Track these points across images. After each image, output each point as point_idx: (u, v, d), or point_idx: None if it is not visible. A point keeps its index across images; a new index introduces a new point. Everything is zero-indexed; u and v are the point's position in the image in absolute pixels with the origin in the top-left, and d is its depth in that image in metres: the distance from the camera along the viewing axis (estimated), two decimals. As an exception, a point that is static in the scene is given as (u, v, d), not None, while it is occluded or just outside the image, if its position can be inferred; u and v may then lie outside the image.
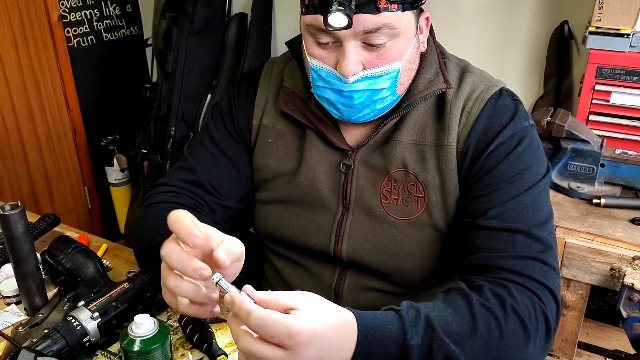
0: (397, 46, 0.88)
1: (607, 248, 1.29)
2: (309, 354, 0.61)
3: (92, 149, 2.50)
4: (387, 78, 0.89)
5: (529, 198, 0.89)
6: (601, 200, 1.41)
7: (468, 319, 0.76)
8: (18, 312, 0.93)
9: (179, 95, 2.18)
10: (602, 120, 1.54)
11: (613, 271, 1.29)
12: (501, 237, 0.87)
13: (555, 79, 1.76)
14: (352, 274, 1.04)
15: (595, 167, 1.45)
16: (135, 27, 2.58)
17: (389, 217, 0.98)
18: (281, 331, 0.60)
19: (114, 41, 2.50)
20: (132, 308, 0.87)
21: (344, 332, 0.66)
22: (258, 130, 1.06)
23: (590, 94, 1.53)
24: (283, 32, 2.26)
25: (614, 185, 1.47)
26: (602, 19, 1.46)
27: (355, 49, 0.86)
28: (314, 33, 0.88)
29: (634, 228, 1.33)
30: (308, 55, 0.92)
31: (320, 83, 0.92)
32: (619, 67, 1.46)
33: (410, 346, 0.70)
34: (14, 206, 0.86)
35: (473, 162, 0.93)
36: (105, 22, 2.44)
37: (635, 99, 1.48)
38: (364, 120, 0.95)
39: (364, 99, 0.90)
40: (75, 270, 0.93)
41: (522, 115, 0.95)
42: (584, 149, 1.45)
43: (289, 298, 0.64)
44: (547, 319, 0.81)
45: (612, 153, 1.47)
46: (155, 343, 0.69)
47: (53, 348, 0.78)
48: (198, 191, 1.05)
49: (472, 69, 1.00)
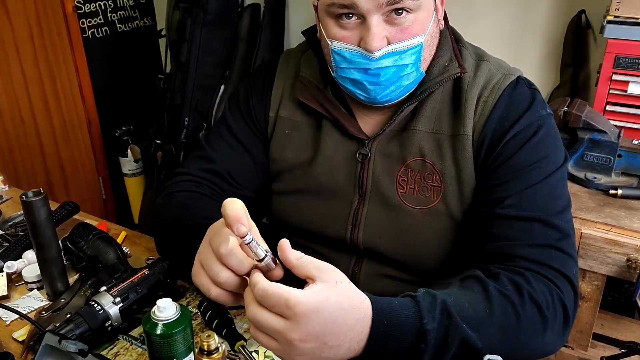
0: (419, 19, 0.87)
1: (623, 239, 1.28)
2: (310, 327, 0.62)
3: (106, 140, 2.51)
4: (411, 53, 0.88)
5: (547, 186, 0.89)
6: (618, 191, 1.40)
7: (484, 305, 0.76)
8: (40, 297, 0.95)
9: (192, 85, 2.19)
10: (620, 110, 1.53)
11: (629, 262, 1.28)
12: (518, 226, 0.87)
13: (572, 69, 1.74)
14: (368, 261, 1.05)
15: (612, 158, 1.44)
16: (148, 17, 2.59)
17: (405, 206, 0.98)
18: (279, 301, 0.62)
19: (128, 32, 2.51)
20: (153, 294, 0.88)
21: (355, 314, 0.66)
22: (275, 121, 1.07)
23: (607, 84, 1.52)
24: (296, 23, 2.26)
25: (630, 176, 1.46)
26: (620, 7, 1.45)
27: (379, 24, 0.85)
28: (335, 12, 0.87)
29: (651, 219, 1.32)
30: (329, 38, 0.90)
31: (344, 64, 0.90)
32: (638, 57, 1.45)
33: (426, 331, 0.70)
34: (37, 193, 0.87)
35: (489, 151, 0.92)
36: (119, 13, 2.45)
37: (653, 89, 1.46)
38: (390, 100, 0.94)
39: (390, 75, 0.89)
40: (96, 256, 0.94)
41: (539, 103, 0.94)
42: (601, 139, 1.44)
43: (314, 268, 0.65)
44: (565, 306, 0.81)
45: (630, 143, 1.46)
46: (178, 327, 0.70)
47: (76, 332, 0.79)
48: (216, 180, 1.06)
49: (489, 57, 0.99)
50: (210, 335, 0.51)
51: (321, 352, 0.65)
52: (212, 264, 0.70)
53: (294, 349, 0.64)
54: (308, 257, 0.67)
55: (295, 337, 0.62)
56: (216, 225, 0.73)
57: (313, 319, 0.62)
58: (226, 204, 0.66)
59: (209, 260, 0.71)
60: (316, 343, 0.64)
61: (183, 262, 0.89)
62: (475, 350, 0.73)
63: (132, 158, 2.52)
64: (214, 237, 0.71)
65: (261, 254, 0.65)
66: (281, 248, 0.66)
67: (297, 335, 0.62)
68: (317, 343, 0.64)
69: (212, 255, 0.71)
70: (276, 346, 0.65)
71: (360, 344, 0.68)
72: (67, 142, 2.39)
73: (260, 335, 0.66)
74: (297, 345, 0.63)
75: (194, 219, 0.92)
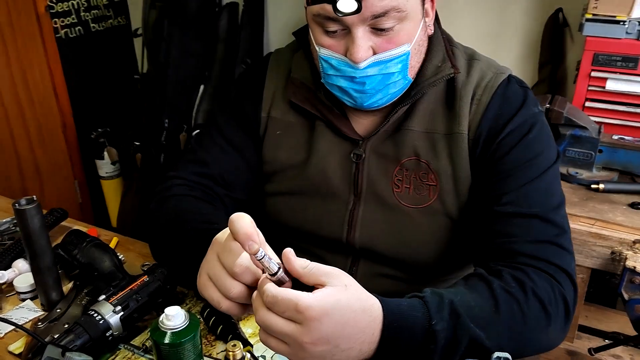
0: (406, 29, 0.88)
1: (607, 232, 1.31)
2: (321, 330, 0.62)
3: (82, 142, 2.46)
4: (397, 62, 0.89)
5: (542, 183, 0.91)
6: (600, 185, 1.44)
7: (491, 303, 0.77)
8: (34, 307, 0.92)
9: (171, 86, 2.16)
10: (599, 106, 1.57)
11: (614, 255, 1.32)
12: (516, 222, 0.88)
13: (550, 66, 1.78)
14: (365, 261, 1.05)
15: (593, 153, 1.48)
16: (122, 17, 2.54)
17: (401, 206, 0.99)
18: (289, 306, 0.62)
19: (102, 31, 2.45)
20: (153, 301, 0.87)
21: (365, 316, 0.67)
22: (267, 122, 1.06)
23: (586, 80, 1.56)
24: (275, 23, 2.25)
25: (611, 170, 1.50)
26: (598, 6, 1.48)
27: (364, 35, 0.86)
28: (322, 22, 0.88)
29: (634, 212, 1.36)
30: (317, 45, 0.91)
31: (332, 72, 0.91)
32: (615, 54, 1.49)
33: (436, 331, 0.70)
34: (30, 200, 0.84)
35: (485, 149, 0.94)
36: (93, 13, 2.39)
37: (631, 86, 1.50)
38: (377, 106, 0.95)
39: (376, 84, 0.90)
40: (91, 264, 0.92)
41: (531, 101, 0.96)
42: (582, 135, 1.48)
43: (323, 274, 0.65)
44: (566, 301, 0.82)
45: (610, 139, 1.50)
46: (187, 335, 0.68)
47: (77, 342, 0.77)
48: (210, 184, 1.05)
49: (479, 56, 1.01)
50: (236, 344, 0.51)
51: (332, 356, 0.65)
52: (224, 279, 0.69)
53: (306, 353, 0.64)
54: (314, 264, 0.67)
55: (307, 340, 0.62)
56: (223, 239, 0.71)
57: (324, 322, 0.62)
58: (234, 221, 0.65)
59: (220, 275, 0.70)
60: (327, 346, 0.64)
61: (183, 268, 0.88)
62: (483, 348, 0.74)
63: (109, 160, 2.47)
64: (224, 252, 0.69)
65: (274, 269, 0.64)
66: (286, 258, 0.66)
67: (308, 338, 0.62)
68: (329, 346, 0.64)
69: (222, 270, 0.70)
70: (287, 350, 0.65)
71: (371, 347, 0.68)
72: (42, 146, 2.33)
73: (271, 340, 0.65)
74: (308, 348, 0.63)
75: (192, 224, 0.90)
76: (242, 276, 0.68)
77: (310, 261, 0.69)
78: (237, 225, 0.64)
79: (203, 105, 2.21)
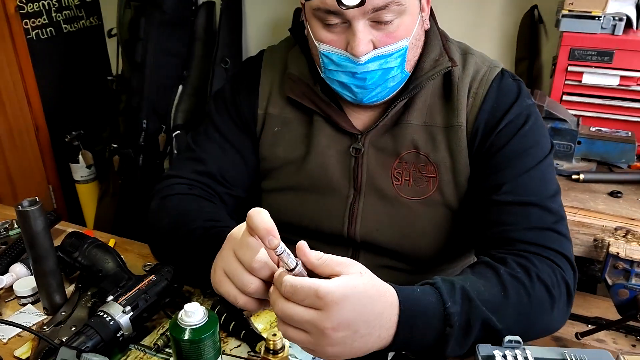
0: (405, 23, 0.89)
1: (590, 220, 1.36)
2: (341, 315, 0.64)
3: (55, 146, 2.39)
4: (397, 56, 0.91)
5: (539, 172, 0.94)
6: (580, 175, 1.49)
7: (499, 288, 0.80)
8: (37, 311, 0.90)
9: (149, 87, 2.13)
10: (575, 100, 1.62)
11: (596, 242, 1.36)
12: (516, 211, 0.91)
13: (527, 62, 1.83)
14: (365, 254, 1.06)
15: (573, 145, 1.53)
16: (94, 17, 2.49)
17: (401, 198, 1.00)
18: (310, 293, 0.63)
19: (74, 32, 2.40)
20: (160, 300, 0.86)
21: (382, 301, 0.69)
22: (264, 119, 1.06)
23: (563, 75, 1.61)
24: (253, 22, 2.24)
25: (589, 161, 1.56)
26: (574, 2, 1.53)
27: (364, 28, 0.87)
28: (322, 16, 0.88)
29: (613, 200, 1.41)
30: (316, 41, 0.92)
31: (332, 67, 0.92)
32: (591, 49, 1.54)
33: (451, 314, 0.73)
34: (33, 202, 0.83)
35: (483, 141, 0.96)
36: (65, 13, 2.34)
37: (606, 79, 1.56)
38: (376, 101, 0.96)
39: (377, 79, 0.91)
40: (94, 265, 0.91)
41: (525, 94, 0.99)
42: (562, 127, 1.52)
43: (337, 264, 0.67)
44: (567, 284, 0.86)
45: (588, 131, 1.56)
46: (207, 331, 0.68)
47: (88, 344, 0.76)
48: (209, 182, 1.04)
49: (473, 50, 1.03)
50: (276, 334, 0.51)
51: (352, 342, 0.66)
52: (241, 275, 0.70)
53: (326, 339, 0.64)
54: (328, 255, 0.68)
55: (328, 326, 0.63)
56: (239, 235, 0.71)
57: (344, 306, 0.64)
58: (253, 216, 0.65)
59: (237, 271, 0.70)
60: (348, 331, 0.65)
61: (191, 266, 0.87)
62: (495, 331, 0.76)
63: (84, 164, 2.42)
64: (241, 248, 0.70)
65: (292, 264, 0.65)
66: (301, 250, 0.67)
67: (329, 324, 0.63)
68: (349, 331, 0.65)
69: (239, 266, 0.70)
70: (306, 339, 0.66)
71: (390, 332, 0.70)
72: (14, 150, 2.26)
73: (290, 330, 0.66)
74: (329, 334, 0.64)
75: (198, 222, 0.90)
76: (260, 271, 0.69)
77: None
78: (256, 221, 0.65)
79: (182, 105, 2.19)
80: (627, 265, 1.30)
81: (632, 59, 1.51)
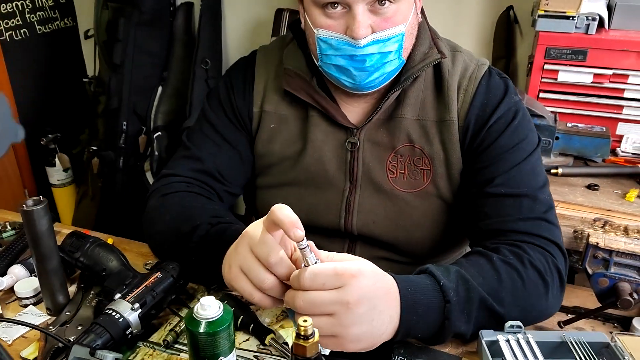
0: (401, 10, 0.92)
1: (570, 212, 1.41)
2: (361, 287, 0.68)
3: (31, 149, 2.35)
4: (394, 41, 0.93)
5: (528, 165, 0.98)
6: (559, 170, 1.54)
7: (492, 273, 0.83)
8: (39, 312, 0.89)
9: (129, 88, 2.11)
10: (552, 97, 1.68)
11: (576, 233, 1.42)
12: (508, 203, 0.95)
13: (504, 60, 1.89)
14: (362, 245, 1.09)
15: (551, 140, 1.58)
16: (69, 18, 2.46)
17: (396, 191, 1.03)
18: (329, 274, 0.67)
19: (48, 34, 2.36)
20: (167, 297, 0.86)
21: (386, 281, 0.73)
22: (260, 116, 1.08)
23: (539, 73, 1.66)
24: (232, 23, 2.25)
25: (567, 156, 1.62)
26: (550, 2, 1.59)
27: (364, 13, 0.89)
28: (322, 2, 0.90)
29: (591, 193, 1.47)
30: (315, 27, 0.93)
31: (331, 52, 0.94)
32: (566, 47, 1.60)
33: (446, 289, 0.77)
34: (37, 201, 0.82)
35: (474, 136, 0.99)
36: (39, 14, 2.30)
37: (580, 77, 1.62)
38: (373, 87, 0.98)
39: (375, 61, 0.93)
40: (98, 264, 0.90)
41: (512, 90, 1.03)
42: (540, 123, 1.58)
43: (340, 257, 0.72)
44: (559, 270, 0.90)
45: (565, 126, 1.62)
46: (222, 324, 0.69)
47: (98, 342, 0.76)
48: (207, 180, 1.05)
49: (461, 48, 1.07)
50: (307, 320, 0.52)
51: (371, 320, 0.70)
52: (258, 271, 0.72)
53: (351, 316, 0.68)
54: (333, 253, 0.72)
55: (351, 300, 0.67)
56: (255, 231, 0.73)
57: (361, 279, 0.68)
58: (277, 210, 0.68)
59: (253, 267, 0.72)
60: (368, 305, 0.69)
61: (196, 262, 0.88)
62: (493, 313, 0.80)
63: (61, 167, 2.38)
64: (258, 245, 0.72)
65: (312, 260, 0.68)
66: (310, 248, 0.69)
67: (352, 297, 0.67)
68: (369, 305, 0.69)
69: (256, 262, 0.72)
70: (330, 322, 0.68)
71: (397, 311, 0.73)
72: (-11, 154, 2.21)
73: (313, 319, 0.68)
74: (353, 309, 0.67)
75: (202, 219, 0.91)
76: (277, 267, 0.71)
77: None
78: (281, 214, 0.68)
79: (162, 106, 2.18)
80: (606, 254, 1.35)
81: (604, 57, 1.58)
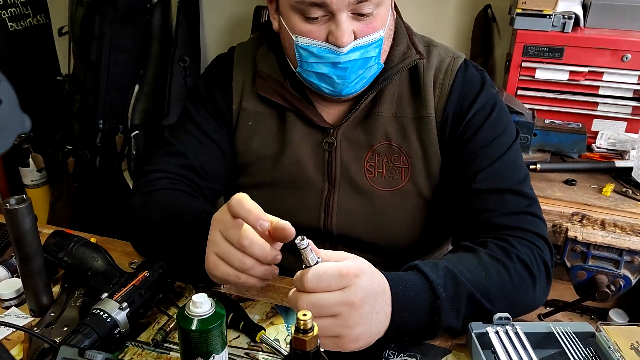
0: (381, 14, 0.92)
1: (548, 207, 1.44)
2: (364, 286, 0.69)
3: (3, 149, 2.29)
4: (375, 46, 0.93)
5: (509, 158, 0.98)
6: (537, 165, 1.57)
7: (480, 269, 0.84)
8: (22, 314, 0.87)
9: (105, 86, 2.07)
10: (529, 94, 1.71)
11: (555, 227, 1.44)
12: (492, 198, 0.95)
13: (481, 58, 1.91)
14: (343, 247, 1.07)
15: (529, 136, 1.61)
16: (42, 15, 2.40)
17: (375, 190, 1.03)
18: (334, 275, 0.67)
19: (21, 31, 2.30)
20: (155, 296, 0.85)
21: (381, 279, 0.74)
22: (238, 113, 1.07)
23: (517, 70, 1.69)
24: (210, 19, 2.23)
25: (544, 152, 1.64)
26: (527, 1, 1.62)
27: (347, 20, 0.88)
28: (304, 9, 0.88)
29: (569, 188, 1.50)
30: (294, 34, 0.92)
31: (312, 59, 0.92)
32: (543, 45, 1.63)
33: (436, 283, 0.77)
34: (20, 200, 0.80)
35: (453, 130, 0.99)
36: (10, 11, 2.24)
37: (557, 74, 1.66)
38: (354, 92, 0.98)
39: (357, 68, 0.93)
40: (83, 264, 0.88)
41: (489, 83, 1.03)
42: (519, 120, 1.60)
43: (338, 256, 0.72)
44: (545, 263, 0.91)
45: (542, 123, 1.65)
46: (215, 322, 0.68)
47: (86, 342, 0.74)
48: (191, 176, 1.04)
49: (436, 42, 1.06)
50: (306, 314, 0.52)
51: (371, 319, 0.71)
52: (235, 255, 0.73)
53: (356, 315, 0.68)
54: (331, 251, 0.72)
55: (356, 299, 0.68)
56: (223, 217, 0.75)
57: (364, 278, 0.69)
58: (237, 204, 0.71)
59: (230, 251, 0.73)
60: (370, 303, 0.70)
61: (184, 260, 0.87)
62: (481, 307, 0.80)
63: (35, 167, 2.32)
64: (228, 229, 0.73)
65: (313, 260, 0.67)
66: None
67: (357, 297, 0.68)
68: (370, 303, 0.70)
69: (230, 246, 0.73)
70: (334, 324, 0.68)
71: (389, 310, 0.74)
72: (-41, 154, 2.14)
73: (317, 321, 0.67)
74: (358, 309, 0.68)
75: (188, 216, 0.90)
76: (250, 249, 0.72)
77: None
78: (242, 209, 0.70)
79: (139, 105, 2.15)
80: (584, 248, 1.39)
81: (580, 55, 1.61)
